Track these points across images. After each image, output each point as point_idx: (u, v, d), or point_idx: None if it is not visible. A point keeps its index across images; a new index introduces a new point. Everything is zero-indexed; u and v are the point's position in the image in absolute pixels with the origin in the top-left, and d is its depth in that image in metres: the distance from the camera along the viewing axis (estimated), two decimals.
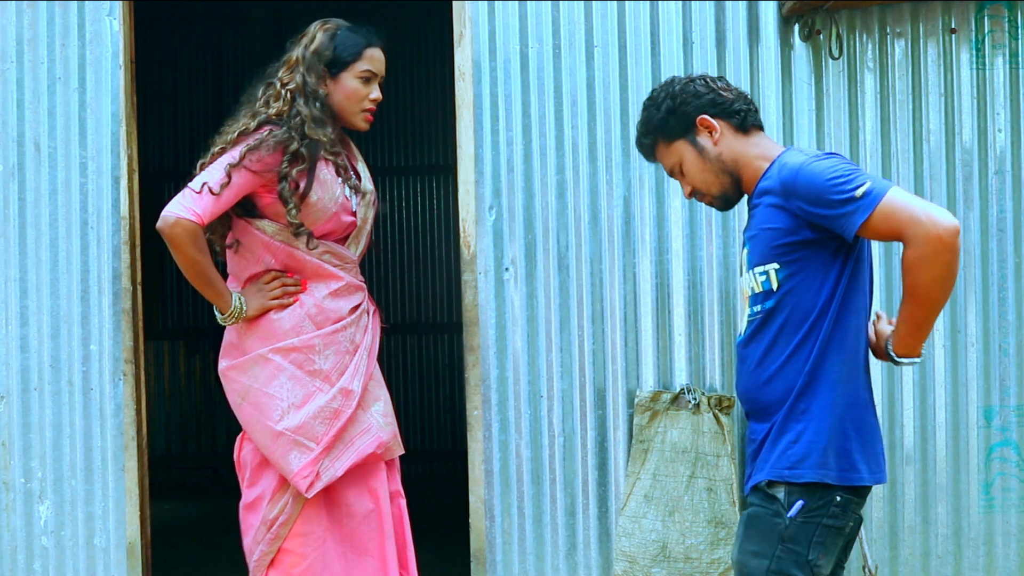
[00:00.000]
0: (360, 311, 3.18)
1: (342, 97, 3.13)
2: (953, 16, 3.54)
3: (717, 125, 2.57)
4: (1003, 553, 3.52)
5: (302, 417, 3.04)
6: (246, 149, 3.00)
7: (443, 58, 5.42)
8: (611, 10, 3.54)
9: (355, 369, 3.12)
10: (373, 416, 3.14)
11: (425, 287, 7.49)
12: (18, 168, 3.55)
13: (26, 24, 3.57)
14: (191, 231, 2.94)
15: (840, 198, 2.34)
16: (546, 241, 3.54)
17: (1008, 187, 3.53)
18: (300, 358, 3.07)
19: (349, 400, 3.08)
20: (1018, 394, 3.52)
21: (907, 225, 2.31)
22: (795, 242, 2.43)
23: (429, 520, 5.84)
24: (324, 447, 3.04)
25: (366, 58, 3.14)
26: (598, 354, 3.53)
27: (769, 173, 2.51)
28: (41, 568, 3.54)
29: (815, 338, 2.43)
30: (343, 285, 3.13)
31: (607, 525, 3.52)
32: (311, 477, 3.03)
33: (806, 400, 2.43)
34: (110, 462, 3.53)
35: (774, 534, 2.41)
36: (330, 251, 3.13)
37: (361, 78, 3.13)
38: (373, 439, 3.10)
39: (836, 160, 2.41)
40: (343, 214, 3.13)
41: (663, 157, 2.67)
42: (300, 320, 3.10)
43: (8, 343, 3.54)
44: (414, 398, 7.41)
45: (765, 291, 2.49)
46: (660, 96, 2.64)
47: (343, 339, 3.12)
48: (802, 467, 2.40)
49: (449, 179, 7.28)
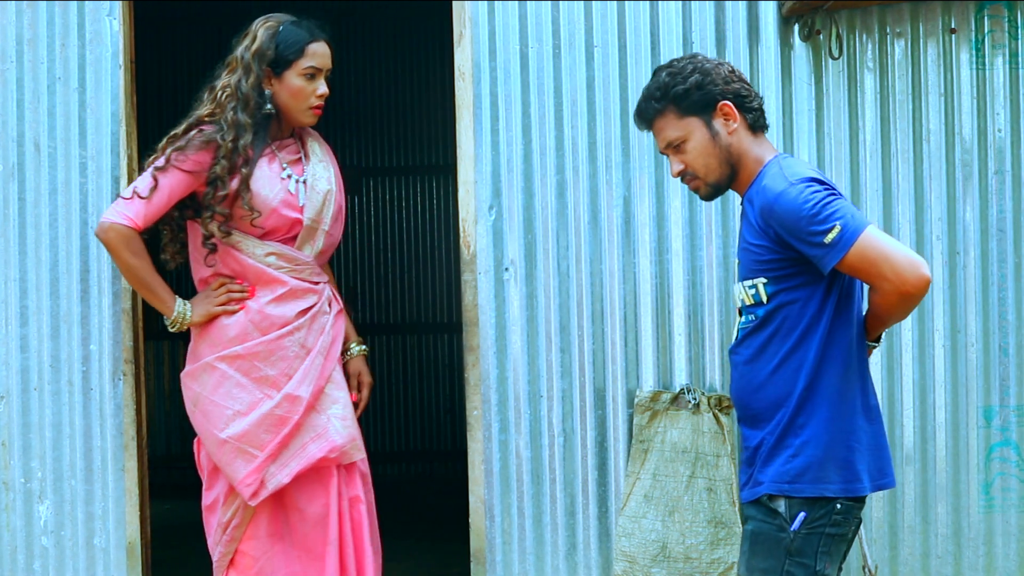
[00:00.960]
0: (313, 314, 3.14)
1: (287, 96, 3.12)
2: (953, 16, 3.54)
3: (735, 116, 2.53)
4: (1003, 553, 3.52)
5: (246, 425, 3.05)
6: (172, 150, 3.08)
7: (443, 58, 5.42)
8: (611, 10, 3.54)
9: (304, 374, 3.09)
10: (330, 420, 3.10)
11: (425, 287, 7.49)
12: (18, 168, 3.55)
13: (26, 24, 3.56)
14: (124, 235, 3.05)
15: (812, 239, 2.35)
16: (546, 241, 3.53)
17: (1008, 187, 3.53)
18: (245, 365, 3.08)
19: (295, 406, 3.06)
20: (1018, 394, 3.52)
21: (875, 278, 2.35)
22: (780, 259, 2.44)
23: (429, 520, 5.85)
24: (269, 454, 3.04)
25: (308, 55, 3.12)
26: (598, 354, 3.53)
27: (757, 183, 2.50)
28: (41, 568, 3.54)
29: (808, 351, 2.42)
30: (287, 290, 3.11)
31: (607, 525, 3.52)
32: (255, 485, 3.05)
33: (804, 414, 2.42)
34: (110, 462, 3.53)
35: (780, 549, 2.40)
36: (276, 252, 3.11)
37: (305, 75, 3.11)
38: (326, 443, 3.08)
39: (813, 191, 2.37)
40: (284, 209, 3.10)
41: (666, 127, 2.58)
42: (245, 327, 3.10)
43: (8, 343, 3.54)
44: (414, 398, 7.41)
45: (755, 303, 2.50)
46: (687, 67, 2.56)
47: (290, 344, 3.09)
48: (801, 481, 2.39)
49: (449, 179, 7.27)
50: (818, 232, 2.33)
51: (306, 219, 3.13)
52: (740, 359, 2.55)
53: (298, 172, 3.17)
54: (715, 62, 2.58)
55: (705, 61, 2.57)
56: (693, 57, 2.60)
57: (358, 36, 7.25)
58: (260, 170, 3.10)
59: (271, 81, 3.12)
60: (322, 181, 3.18)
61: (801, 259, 2.41)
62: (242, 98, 3.07)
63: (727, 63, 2.60)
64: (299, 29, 3.14)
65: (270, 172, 3.12)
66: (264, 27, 3.14)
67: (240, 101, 3.08)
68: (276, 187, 3.11)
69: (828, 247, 2.32)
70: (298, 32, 3.13)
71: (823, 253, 2.34)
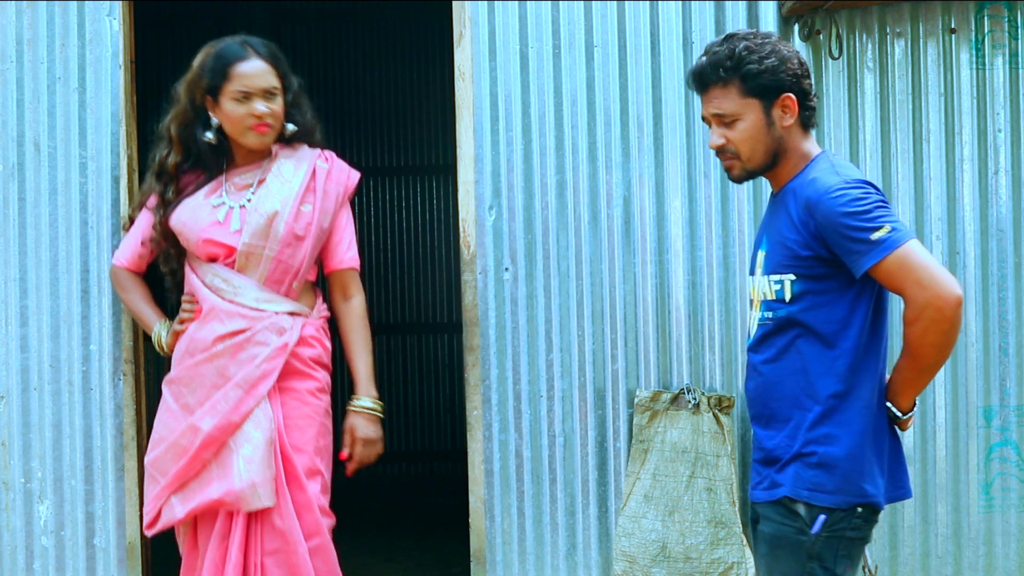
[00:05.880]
0: (238, 341, 2.98)
1: (226, 121, 3.05)
2: (953, 16, 3.54)
3: (795, 111, 2.43)
4: (1003, 553, 3.52)
5: (159, 451, 3.03)
6: (144, 188, 3.22)
7: (443, 58, 5.42)
8: (611, 10, 3.54)
9: (213, 406, 2.95)
10: (238, 460, 2.93)
11: (425, 287, 7.48)
12: (18, 168, 3.55)
13: (26, 24, 3.56)
14: (111, 273, 3.36)
15: (855, 235, 2.28)
16: (546, 241, 3.53)
17: (1008, 187, 3.53)
18: (176, 390, 3.05)
19: (195, 437, 2.95)
20: (1018, 394, 3.52)
21: (910, 286, 2.26)
22: (812, 257, 2.36)
23: (429, 520, 5.85)
24: (167, 484, 2.98)
25: (234, 78, 3.00)
26: (598, 354, 3.53)
27: (802, 176, 2.42)
28: (41, 568, 3.54)
29: (840, 357, 2.36)
30: (208, 309, 3.03)
31: (607, 525, 3.51)
32: (151, 514, 3.05)
33: (833, 423, 2.36)
34: (110, 462, 3.53)
35: (801, 552, 2.35)
36: (219, 275, 3.05)
37: (235, 99, 3.00)
38: (224, 484, 2.93)
39: (866, 191, 2.32)
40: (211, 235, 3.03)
41: (723, 99, 2.44)
42: (181, 351, 3.07)
43: (8, 343, 3.54)
44: (414, 398, 7.40)
45: (778, 299, 2.42)
46: (765, 46, 2.41)
47: (208, 371, 2.99)
48: (823, 491, 2.34)
49: (449, 179, 7.27)
50: (866, 228, 2.27)
51: (241, 244, 3.02)
52: (759, 359, 2.47)
53: (238, 198, 3.07)
54: (790, 51, 2.44)
55: (783, 47, 2.44)
56: (769, 36, 2.45)
57: (358, 36, 7.25)
58: (194, 200, 3.09)
59: (214, 109, 3.06)
60: (270, 202, 3.03)
61: (832, 260, 2.35)
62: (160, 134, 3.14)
63: (797, 53, 2.46)
64: (230, 51, 3.04)
65: (204, 201, 3.07)
66: (203, 54, 3.08)
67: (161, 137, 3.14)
68: (203, 215, 3.05)
69: (872, 244, 2.26)
70: (223, 56, 3.03)
71: (865, 250, 2.27)
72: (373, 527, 5.52)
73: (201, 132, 3.07)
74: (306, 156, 3.14)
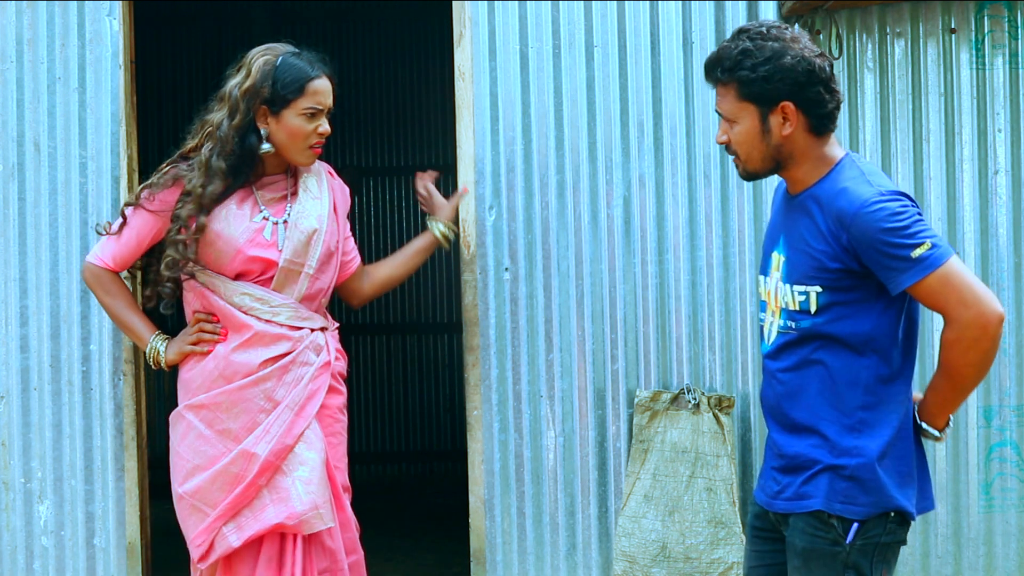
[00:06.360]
0: (284, 363, 2.90)
1: (285, 136, 2.91)
2: (953, 16, 3.54)
3: (795, 120, 2.31)
4: (1003, 553, 3.52)
5: (201, 480, 2.89)
6: (142, 187, 3.00)
7: (443, 58, 5.42)
8: (611, 10, 3.54)
9: (264, 430, 2.87)
10: (294, 483, 2.87)
11: (425, 287, 7.48)
12: (18, 168, 3.55)
13: (26, 24, 3.56)
14: (94, 274, 3.06)
15: (895, 252, 2.20)
16: (546, 241, 3.53)
17: (1008, 187, 3.53)
18: (209, 416, 2.91)
19: (251, 464, 2.86)
20: (1018, 394, 3.52)
21: (953, 305, 2.19)
22: (842, 270, 2.27)
23: (429, 520, 5.85)
24: (219, 514, 2.87)
25: (309, 94, 2.89)
26: (598, 354, 3.53)
27: (829, 184, 2.32)
28: (41, 568, 3.54)
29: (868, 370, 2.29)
30: (252, 334, 2.90)
31: (607, 525, 3.51)
32: (204, 546, 2.91)
33: (863, 436, 2.30)
34: (110, 462, 3.53)
35: (837, 563, 2.30)
36: (249, 293, 2.92)
37: (305, 115, 2.89)
38: (285, 509, 2.86)
39: (903, 204, 2.23)
40: (252, 250, 2.91)
41: (724, 98, 2.35)
42: (211, 375, 2.93)
43: (8, 343, 3.54)
44: (414, 398, 7.40)
45: (802, 310, 2.33)
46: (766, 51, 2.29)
47: (253, 395, 2.89)
48: (856, 504, 2.29)
49: (449, 179, 7.27)
50: (906, 245, 2.18)
51: (282, 260, 2.93)
52: (777, 366, 2.39)
53: (277, 212, 2.97)
54: (799, 55, 2.29)
55: (791, 50, 2.29)
56: (779, 38, 2.30)
57: (358, 36, 7.25)
58: (226, 209, 2.92)
59: (267, 120, 2.91)
60: (308, 219, 2.97)
61: (861, 273, 2.26)
62: (220, 140, 2.89)
63: (812, 56, 2.30)
64: (299, 64, 2.91)
65: (238, 211, 2.93)
66: (261, 60, 2.91)
67: (218, 144, 2.89)
68: (242, 227, 2.92)
69: (913, 262, 2.18)
70: (298, 68, 2.90)
71: (905, 267, 2.19)
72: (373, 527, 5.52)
73: (255, 143, 2.92)
74: (317, 170, 3.09)
